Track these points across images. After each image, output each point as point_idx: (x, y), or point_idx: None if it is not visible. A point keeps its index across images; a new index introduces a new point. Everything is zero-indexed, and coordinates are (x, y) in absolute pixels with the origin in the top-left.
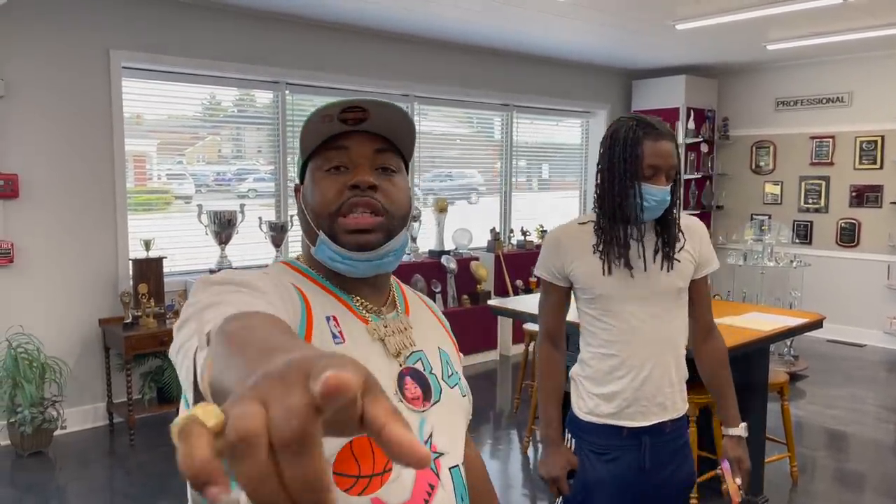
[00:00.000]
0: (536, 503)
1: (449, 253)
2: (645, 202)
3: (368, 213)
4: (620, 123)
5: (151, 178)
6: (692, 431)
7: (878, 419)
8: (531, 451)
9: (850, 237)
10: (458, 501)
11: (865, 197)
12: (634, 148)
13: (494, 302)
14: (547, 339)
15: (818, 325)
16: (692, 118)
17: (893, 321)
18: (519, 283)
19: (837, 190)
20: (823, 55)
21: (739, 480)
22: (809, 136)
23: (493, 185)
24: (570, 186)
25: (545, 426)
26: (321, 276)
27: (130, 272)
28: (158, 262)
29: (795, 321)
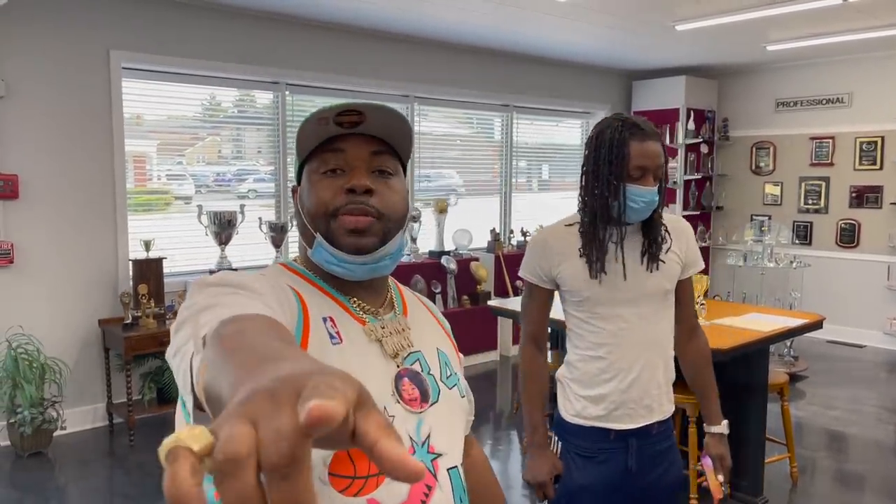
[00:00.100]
0: None
1: (449, 253)
2: (633, 203)
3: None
4: (605, 125)
5: (151, 178)
6: (692, 432)
7: (878, 420)
8: None
9: (849, 238)
10: (456, 503)
11: (865, 198)
12: (621, 149)
13: (494, 302)
14: (531, 341)
15: (818, 325)
16: (692, 119)
17: (893, 322)
18: (519, 283)
19: (837, 191)
20: (823, 56)
21: (721, 477)
22: (809, 136)
23: (491, 185)
24: (569, 187)
25: (530, 430)
26: (318, 277)
27: (130, 273)
28: (158, 262)
29: (795, 322)
